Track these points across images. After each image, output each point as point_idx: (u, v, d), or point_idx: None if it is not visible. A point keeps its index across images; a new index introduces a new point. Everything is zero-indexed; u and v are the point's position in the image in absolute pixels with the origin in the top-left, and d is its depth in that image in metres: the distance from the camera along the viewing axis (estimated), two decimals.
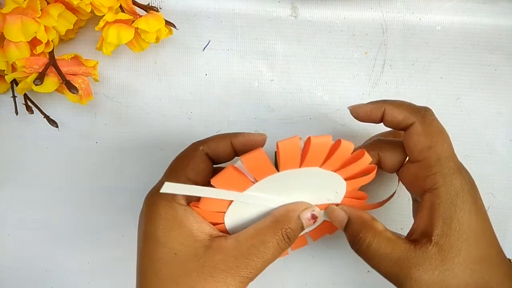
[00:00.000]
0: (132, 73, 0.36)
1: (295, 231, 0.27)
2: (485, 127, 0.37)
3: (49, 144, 0.37)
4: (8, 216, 0.39)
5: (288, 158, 0.26)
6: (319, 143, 0.25)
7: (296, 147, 0.25)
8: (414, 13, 0.35)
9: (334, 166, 0.28)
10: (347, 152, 0.27)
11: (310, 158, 0.26)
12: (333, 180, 0.29)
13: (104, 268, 0.40)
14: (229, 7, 0.34)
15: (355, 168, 0.28)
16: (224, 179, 0.26)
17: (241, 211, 0.29)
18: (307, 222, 0.28)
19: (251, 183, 0.27)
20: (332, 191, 0.30)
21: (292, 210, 0.28)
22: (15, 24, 0.29)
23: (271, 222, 0.27)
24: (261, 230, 0.27)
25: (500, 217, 0.39)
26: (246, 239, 0.27)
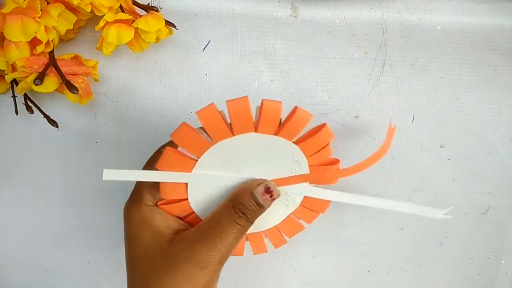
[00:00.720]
0: (132, 73, 0.36)
1: (249, 207, 0.28)
2: (485, 127, 0.37)
3: (49, 144, 0.37)
4: (8, 216, 0.39)
5: (215, 127, 0.25)
6: (237, 105, 0.25)
7: (216, 114, 0.25)
8: (414, 13, 0.35)
9: (271, 130, 0.27)
10: (274, 111, 0.26)
11: (238, 123, 0.26)
12: (281, 146, 0.28)
13: (104, 268, 0.40)
14: (229, 7, 0.34)
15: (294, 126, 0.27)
16: (165, 161, 0.26)
17: (202, 193, 0.29)
18: (261, 197, 0.28)
19: (194, 161, 0.27)
20: (290, 159, 0.29)
21: (245, 186, 0.28)
22: (15, 24, 0.29)
23: (226, 200, 0.28)
24: (217, 211, 0.28)
25: (500, 217, 0.39)
26: (205, 223, 0.28)
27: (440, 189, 0.38)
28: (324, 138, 0.28)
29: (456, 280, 0.41)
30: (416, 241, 0.40)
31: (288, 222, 0.32)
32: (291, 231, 0.33)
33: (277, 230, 0.33)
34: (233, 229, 0.27)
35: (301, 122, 0.27)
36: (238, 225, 0.27)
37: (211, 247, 0.27)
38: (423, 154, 0.38)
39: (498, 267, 0.40)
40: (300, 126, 0.27)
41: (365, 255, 0.40)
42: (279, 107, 0.26)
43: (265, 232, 0.33)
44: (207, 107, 0.25)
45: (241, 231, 0.28)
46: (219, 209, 0.28)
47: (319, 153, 0.29)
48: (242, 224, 0.27)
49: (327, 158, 0.30)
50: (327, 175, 0.30)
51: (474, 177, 0.38)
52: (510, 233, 0.39)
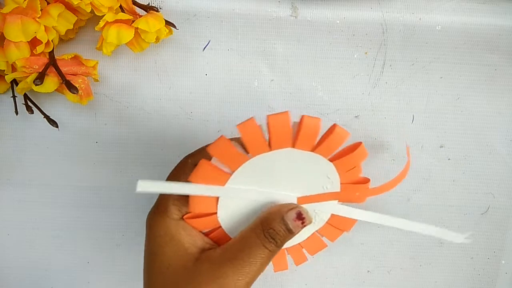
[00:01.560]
0: (132, 73, 0.36)
1: (279, 232, 0.27)
2: (485, 127, 0.37)
3: (49, 144, 0.37)
4: (8, 216, 0.39)
5: (253, 141, 0.25)
6: (278, 120, 0.24)
7: (256, 128, 0.24)
8: (414, 13, 0.35)
9: (308, 146, 0.26)
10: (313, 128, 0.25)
11: (276, 138, 0.25)
12: (317, 162, 0.27)
13: (104, 268, 0.40)
14: (229, 7, 0.34)
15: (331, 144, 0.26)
16: (199, 174, 0.26)
17: (232, 209, 0.28)
18: (293, 223, 0.27)
19: (228, 175, 0.26)
20: (323, 176, 0.28)
21: (276, 211, 0.27)
22: (15, 24, 0.29)
23: (256, 223, 0.27)
24: (245, 233, 0.27)
25: (500, 217, 0.39)
26: (232, 245, 0.27)
27: (440, 189, 0.38)
28: (359, 157, 0.28)
29: (456, 280, 0.41)
30: (416, 241, 0.40)
31: (312, 239, 0.32)
32: (314, 248, 0.33)
33: (300, 247, 0.32)
34: (262, 253, 0.26)
35: (339, 140, 0.26)
36: (267, 250, 0.26)
37: (238, 271, 0.26)
38: (423, 154, 0.38)
39: (498, 267, 0.40)
40: (338, 143, 0.26)
41: (365, 255, 0.40)
42: (318, 124, 0.25)
43: (288, 249, 0.32)
44: (248, 121, 0.24)
45: (269, 255, 0.27)
46: (248, 231, 0.27)
47: (351, 171, 0.28)
48: (271, 249, 0.27)
49: (358, 177, 0.29)
50: (357, 194, 0.29)
51: (474, 177, 0.38)
52: (510, 233, 0.39)
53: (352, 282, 0.41)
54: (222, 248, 0.27)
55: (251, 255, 0.26)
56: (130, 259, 0.40)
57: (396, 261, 0.40)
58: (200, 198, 0.27)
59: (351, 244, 0.40)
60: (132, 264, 0.40)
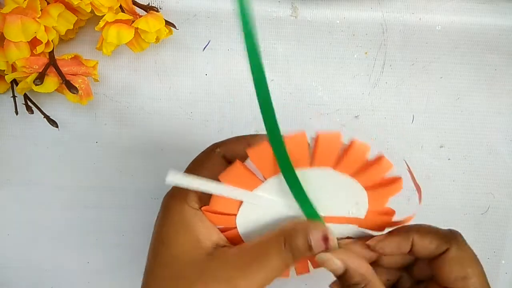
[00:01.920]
0: (132, 73, 0.36)
1: (301, 249, 0.26)
2: (485, 127, 0.37)
3: (49, 144, 0.37)
4: (8, 216, 0.39)
5: (296, 155, 0.24)
6: (328, 139, 0.24)
7: (304, 143, 0.24)
8: (414, 13, 0.34)
9: (349, 170, 0.26)
10: (362, 153, 0.25)
11: (321, 157, 0.25)
12: (351, 188, 0.27)
13: (104, 268, 0.40)
14: (229, 7, 0.34)
15: (374, 173, 0.26)
16: (231, 175, 0.25)
17: (253, 215, 0.27)
18: (317, 243, 0.26)
19: (259, 182, 0.25)
20: (352, 202, 0.27)
21: (302, 226, 0.26)
22: (15, 24, 0.29)
23: (277, 233, 0.26)
24: (265, 240, 0.26)
25: (500, 217, 0.39)
26: (249, 248, 0.26)
27: (440, 189, 0.38)
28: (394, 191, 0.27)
29: None
30: None
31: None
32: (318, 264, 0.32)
33: (305, 259, 0.31)
34: (278, 265, 0.25)
35: (382, 171, 0.25)
36: (283, 263, 0.25)
37: (251, 278, 0.25)
38: (423, 154, 0.38)
39: (498, 267, 0.40)
40: (380, 175, 0.26)
41: None
42: (367, 152, 0.24)
43: None
44: (299, 134, 0.24)
45: (284, 268, 0.26)
46: (268, 239, 0.26)
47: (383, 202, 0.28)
48: (287, 262, 0.25)
49: (383, 207, 0.29)
50: (379, 223, 0.29)
51: (474, 177, 0.38)
52: (510, 233, 0.39)
53: None
54: (238, 249, 0.26)
55: (267, 265, 0.25)
56: (130, 259, 0.40)
57: None
58: (224, 198, 0.26)
59: None
60: (132, 264, 0.40)
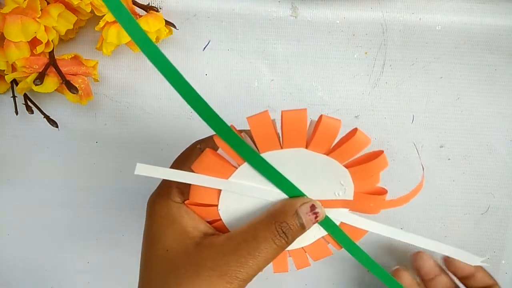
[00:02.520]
0: (132, 73, 0.36)
1: (292, 227, 0.25)
2: (485, 127, 0.37)
3: (49, 144, 0.37)
4: (8, 216, 0.39)
5: (264, 137, 0.23)
6: (293, 116, 0.23)
7: (268, 123, 0.23)
8: (414, 13, 0.34)
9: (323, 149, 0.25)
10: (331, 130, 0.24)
11: (289, 136, 0.24)
12: (330, 167, 0.25)
13: (104, 268, 0.40)
14: (229, 7, 0.34)
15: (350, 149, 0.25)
16: (202, 163, 0.24)
17: (235, 205, 0.27)
18: (306, 217, 0.25)
19: (233, 168, 0.25)
20: (336, 182, 0.26)
21: (289, 204, 0.26)
22: (15, 24, 0.29)
23: (265, 216, 0.26)
24: (254, 224, 0.26)
25: (500, 217, 0.39)
26: (238, 234, 0.25)
27: (440, 189, 0.38)
28: (378, 166, 0.25)
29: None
30: None
31: (317, 245, 0.30)
32: (318, 254, 0.31)
33: (303, 251, 0.30)
34: (268, 248, 0.25)
35: (358, 146, 0.24)
36: (274, 245, 0.25)
37: (241, 263, 0.24)
38: (423, 154, 0.38)
39: (498, 267, 0.40)
40: (357, 150, 0.24)
41: None
42: (338, 126, 0.24)
43: (290, 252, 0.30)
44: (260, 114, 0.23)
45: (276, 251, 0.25)
46: (257, 223, 0.25)
47: (368, 180, 0.26)
48: (279, 244, 0.25)
49: (374, 187, 0.27)
50: (371, 204, 0.27)
51: (474, 177, 0.38)
52: (510, 233, 0.39)
53: (352, 282, 0.41)
54: (226, 236, 0.26)
55: (258, 249, 0.25)
56: (130, 259, 0.40)
57: (396, 261, 0.40)
58: (201, 189, 0.25)
59: None
60: (132, 264, 0.40)
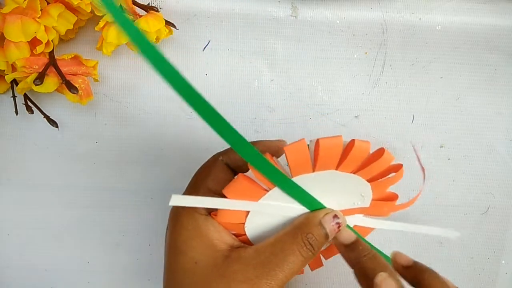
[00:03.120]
0: (132, 73, 0.36)
1: (317, 237, 0.26)
2: (485, 127, 0.37)
3: (49, 144, 0.37)
4: (8, 216, 0.39)
5: (298, 163, 0.25)
6: (329, 145, 0.24)
7: (304, 151, 0.24)
8: (414, 13, 0.34)
9: (352, 168, 0.26)
10: (363, 152, 0.25)
11: (323, 161, 0.25)
12: (355, 183, 0.27)
13: (104, 268, 0.40)
14: (229, 7, 0.34)
15: (376, 167, 0.27)
16: (235, 188, 0.25)
17: (261, 222, 0.28)
18: (330, 226, 0.26)
19: (264, 192, 0.26)
20: (357, 194, 0.28)
21: (312, 216, 0.27)
22: (15, 24, 0.29)
23: (291, 229, 0.26)
24: (280, 237, 0.26)
25: (500, 217, 0.39)
26: (266, 247, 0.26)
27: (440, 189, 0.38)
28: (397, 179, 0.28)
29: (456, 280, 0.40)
30: (416, 241, 0.40)
31: (329, 247, 0.31)
32: (329, 254, 0.32)
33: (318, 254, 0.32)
34: (296, 260, 0.25)
35: (384, 165, 0.26)
36: (301, 257, 0.25)
37: (271, 276, 0.25)
38: (423, 154, 0.38)
39: (498, 267, 0.40)
40: (382, 168, 0.26)
41: None
42: (368, 149, 0.25)
43: None
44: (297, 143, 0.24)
45: (302, 263, 0.26)
46: (283, 235, 0.26)
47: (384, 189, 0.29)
48: (306, 255, 0.26)
49: (386, 193, 0.30)
50: (385, 209, 0.30)
51: (474, 177, 0.38)
52: (510, 233, 0.39)
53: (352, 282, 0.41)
54: (254, 249, 0.26)
55: (286, 261, 0.25)
56: (130, 259, 0.40)
57: None
58: (230, 211, 0.26)
59: None
60: (132, 264, 0.40)
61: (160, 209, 0.38)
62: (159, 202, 0.39)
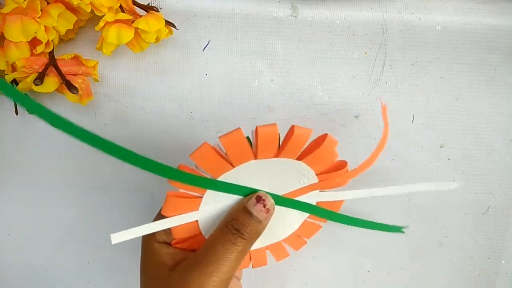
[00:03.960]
0: (132, 73, 0.36)
1: (243, 222, 0.26)
2: (485, 127, 0.37)
3: (49, 144, 0.37)
4: (8, 216, 0.39)
5: (236, 152, 0.25)
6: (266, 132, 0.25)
7: (241, 139, 0.25)
8: (414, 13, 0.35)
9: (294, 154, 0.27)
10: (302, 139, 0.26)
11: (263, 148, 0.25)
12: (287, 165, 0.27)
13: (104, 268, 0.40)
14: (229, 7, 0.34)
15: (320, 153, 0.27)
16: (170, 206, 0.26)
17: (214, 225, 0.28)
18: (255, 208, 0.26)
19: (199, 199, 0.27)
20: (296, 174, 0.28)
21: (237, 204, 0.27)
22: (15, 24, 0.29)
23: (220, 223, 0.27)
24: (213, 233, 0.27)
25: (500, 217, 0.39)
26: (201, 248, 0.27)
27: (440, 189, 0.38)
28: (328, 148, 0.27)
29: (456, 280, 0.41)
30: (416, 241, 0.40)
31: (305, 226, 0.32)
32: (309, 232, 0.33)
33: (296, 235, 0.33)
34: (229, 249, 0.26)
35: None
36: (233, 245, 0.26)
37: (203, 274, 0.25)
38: (423, 154, 0.38)
39: (498, 267, 0.40)
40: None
41: (365, 255, 0.40)
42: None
43: (283, 240, 0.33)
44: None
45: (236, 250, 0.26)
46: (215, 231, 0.27)
47: (325, 160, 0.28)
48: (236, 242, 0.26)
49: (334, 162, 0.29)
50: (337, 180, 0.29)
51: (474, 177, 0.38)
52: (510, 233, 0.39)
53: (352, 282, 0.41)
54: (194, 253, 0.27)
55: (216, 254, 0.25)
56: (130, 259, 0.40)
57: (396, 261, 0.40)
58: (180, 226, 0.27)
59: (351, 244, 0.40)
60: (132, 264, 0.40)
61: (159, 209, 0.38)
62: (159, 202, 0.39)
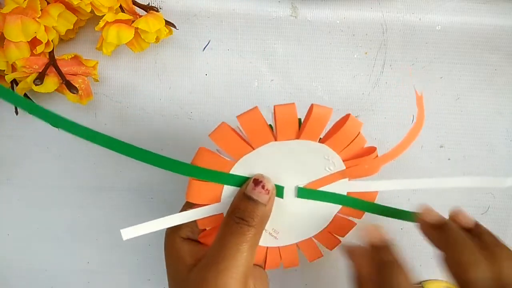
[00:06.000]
0: (132, 73, 0.36)
1: (245, 208, 0.25)
2: (485, 127, 0.37)
3: (49, 144, 0.37)
4: (8, 216, 0.39)
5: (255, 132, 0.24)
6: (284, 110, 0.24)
7: (259, 118, 0.24)
8: (414, 13, 0.35)
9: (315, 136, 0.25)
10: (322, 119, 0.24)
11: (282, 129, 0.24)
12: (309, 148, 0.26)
13: (104, 268, 0.40)
14: (229, 7, 0.34)
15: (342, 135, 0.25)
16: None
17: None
18: (254, 192, 0.25)
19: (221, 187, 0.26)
20: (320, 159, 0.26)
21: (237, 193, 0.26)
22: (15, 24, 0.29)
23: (225, 217, 0.26)
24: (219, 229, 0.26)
25: (500, 217, 0.39)
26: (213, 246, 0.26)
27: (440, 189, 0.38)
28: (351, 129, 0.25)
29: None
30: (416, 241, 0.40)
31: (337, 221, 0.30)
32: (343, 230, 0.31)
33: (328, 232, 0.31)
34: (238, 240, 0.25)
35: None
36: (243, 236, 0.25)
37: (223, 271, 0.24)
38: (423, 154, 0.38)
39: None
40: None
41: None
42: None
43: (315, 237, 0.31)
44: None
45: (248, 240, 0.25)
46: (220, 226, 0.26)
47: (351, 145, 0.26)
48: (243, 232, 0.25)
49: (362, 148, 0.27)
50: (366, 166, 0.27)
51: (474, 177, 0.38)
52: (510, 233, 0.39)
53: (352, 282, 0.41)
54: (206, 253, 0.26)
55: (228, 249, 0.25)
56: (130, 259, 0.40)
57: None
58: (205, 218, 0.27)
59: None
60: (132, 264, 0.40)
61: (160, 209, 0.38)
62: (159, 202, 0.39)
